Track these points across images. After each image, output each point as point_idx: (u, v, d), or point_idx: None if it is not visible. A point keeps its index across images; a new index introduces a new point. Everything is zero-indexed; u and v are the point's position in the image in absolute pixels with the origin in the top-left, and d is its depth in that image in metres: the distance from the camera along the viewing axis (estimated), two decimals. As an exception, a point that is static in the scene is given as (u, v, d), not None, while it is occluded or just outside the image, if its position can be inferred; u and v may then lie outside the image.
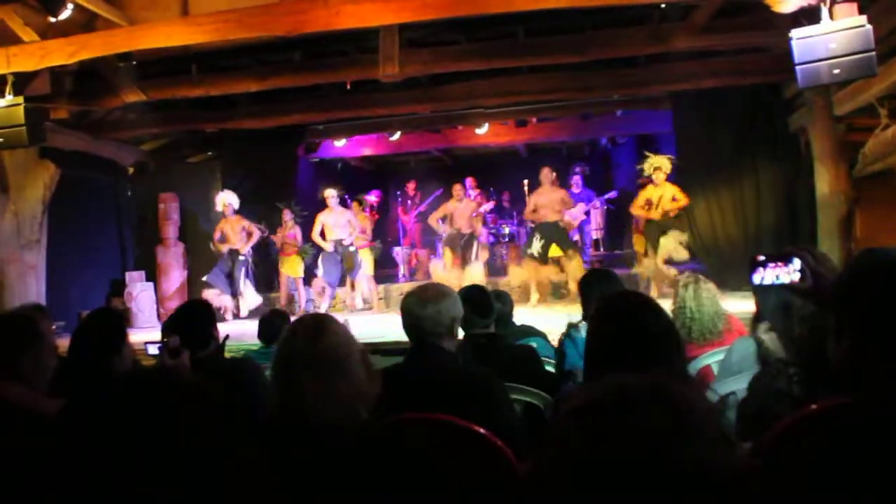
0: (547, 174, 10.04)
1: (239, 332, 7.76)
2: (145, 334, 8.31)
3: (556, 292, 10.12)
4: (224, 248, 10.28)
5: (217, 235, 10.41)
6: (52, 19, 6.60)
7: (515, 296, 8.12)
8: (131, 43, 6.94)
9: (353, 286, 10.65)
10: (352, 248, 10.24)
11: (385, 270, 12.84)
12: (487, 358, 3.16)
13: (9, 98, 7.04)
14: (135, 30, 7.07)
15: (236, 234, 10.29)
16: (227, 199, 10.35)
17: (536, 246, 9.58)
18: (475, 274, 9.82)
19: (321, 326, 1.85)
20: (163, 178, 11.67)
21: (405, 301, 2.68)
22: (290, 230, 10.68)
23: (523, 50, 8.42)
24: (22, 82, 7.28)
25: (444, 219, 10.74)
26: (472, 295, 3.48)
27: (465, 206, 10.61)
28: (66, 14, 6.60)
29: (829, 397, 1.66)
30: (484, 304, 3.49)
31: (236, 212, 10.40)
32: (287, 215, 10.74)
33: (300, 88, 9.68)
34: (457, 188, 10.82)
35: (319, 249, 10.36)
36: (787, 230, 9.40)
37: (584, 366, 2.08)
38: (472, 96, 9.84)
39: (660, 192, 9.38)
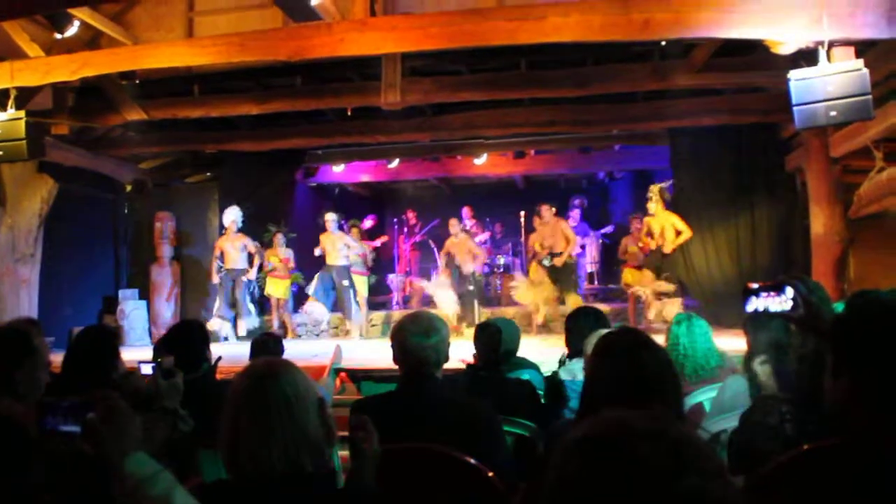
0: (546, 211, 9.99)
1: (234, 354, 7.71)
2: (137, 352, 8.26)
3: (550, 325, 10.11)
4: (216, 276, 10.27)
5: (217, 253, 10.39)
6: (59, 36, 6.66)
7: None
8: (135, 62, 6.98)
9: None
10: (345, 283, 10.23)
11: (378, 297, 12.83)
12: (487, 390, 3.16)
13: (11, 112, 7.06)
14: (139, 49, 7.13)
15: (237, 252, 10.26)
16: (234, 216, 10.31)
17: (547, 260, 9.60)
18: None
19: (273, 370, 1.77)
20: (160, 197, 11.67)
21: (402, 331, 2.65)
22: (282, 254, 10.69)
23: (525, 82, 8.48)
24: (24, 97, 7.31)
25: (448, 255, 10.57)
26: (488, 330, 3.53)
27: (461, 241, 10.47)
28: (72, 31, 6.67)
29: (822, 436, 1.66)
30: (496, 340, 3.53)
31: (239, 230, 10.39)
32: (279, 238, 10.76)
33: (300, 113, 9.72)
34: (452, 223, 10.70)
35: (318, 271, 10.36)
36: (782, 269, 9.41)
37: (581, 400, 2.09)
38: (472, 126, 9.90)
39: (660, 222, 9.34)
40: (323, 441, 1.74)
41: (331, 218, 10.39)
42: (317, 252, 10.42)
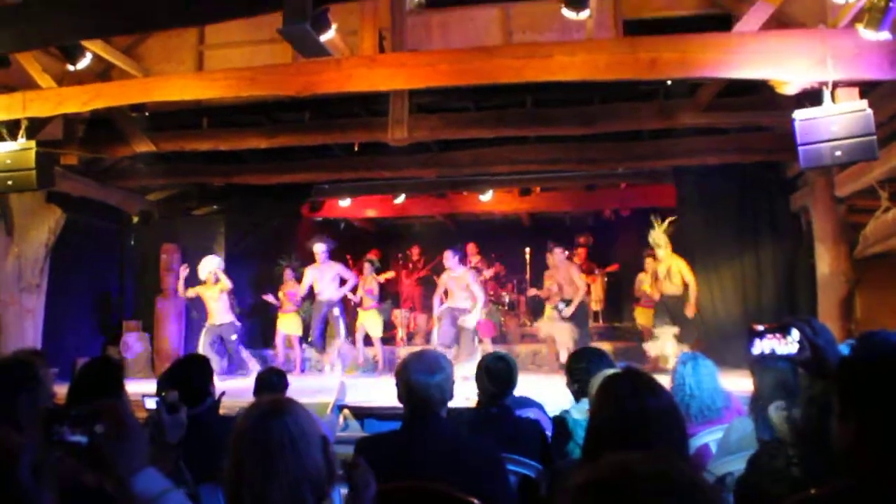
0: (560, 255, 9.91)
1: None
2: (140, 385, 8.24)
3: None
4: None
5: (306, 286, 10.20)
6: (71, 67, 6.72)
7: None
8: (146, 94, 7.05)
9: (354, 343, 10.58)
10: (336, 312, 10.16)
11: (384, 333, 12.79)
12: (494, 429, 3.13)
13: (21, 142, 7.12)
14: (149, 81, 7.20)
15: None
16: (212, 266, 9.89)
17: (564, 307, 9.53)
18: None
19: (279, 408, 1.79)
20: (166, 229, 11.70)
21: (407, 369, 2.64)
22: (290, 288, 10.65)
23: (531, 120, 8.54)
24: (35, 127, 7.37)
25: (445, 292, 9.82)
26: (498, 367, 3.49)
27: (460, 276, 9.45)
28: (84, 63, 6.73)
29: (830, 480, 1.64)
30: (506, 377, 3.49)
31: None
32: (288, 273, 10.73)
33: (308, 147, 9.78)
34: (446, 256, 9.54)
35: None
36: (787, 309, 9.37)
37: (585, 442, 2.07)
38: (478, 163, 9.95)
39: (666, 265, 9.29)
40: (325, 479, 1.74)
41: (320, 249, 10.20)
42: (303, 289, 10.24)
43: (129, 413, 1.65)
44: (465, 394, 3.81)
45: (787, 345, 2.01)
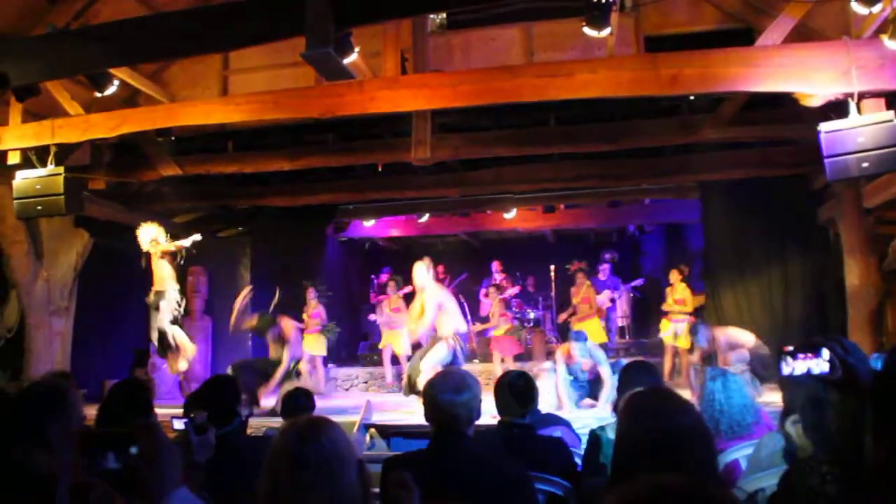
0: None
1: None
2: (167, 407, 8.28)
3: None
4: None
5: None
6: (98, 94, 6.83)
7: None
8: (171, 119, 7.14)
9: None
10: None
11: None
12: (519, 448, 3.12)
13: (50, 167, 7.23)
14: (175, 107, 7.31)
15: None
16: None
17: None
18: None
19: (316, 428, 1.77)
20: (192, 252, 11.81)
21: (433, 388, 2.64)
22: (314, 309, 10.67)
23: (554, 137, 8.54)
24: (64, 153, 7.48)
25: None
26: (518, 383, 3.46)
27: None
28: (111, 90, 6.84)
29: (866, 498, 1.61)
30: (527, 394, 3.46)
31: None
32: (311, 294, 10.75)
33: (332, 169, 9.84)
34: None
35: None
36: (816, 322, 9.27)
37: (613, 462, 2.04)
38: (501, 181, 9.96)
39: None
40: (359, 500, 1.73)
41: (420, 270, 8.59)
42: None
43: (162, 433, 1.66)
44: (492, 412, 3.79)
45: (819, 365, 1.98)
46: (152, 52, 6.24)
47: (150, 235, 9.13)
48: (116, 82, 6.88)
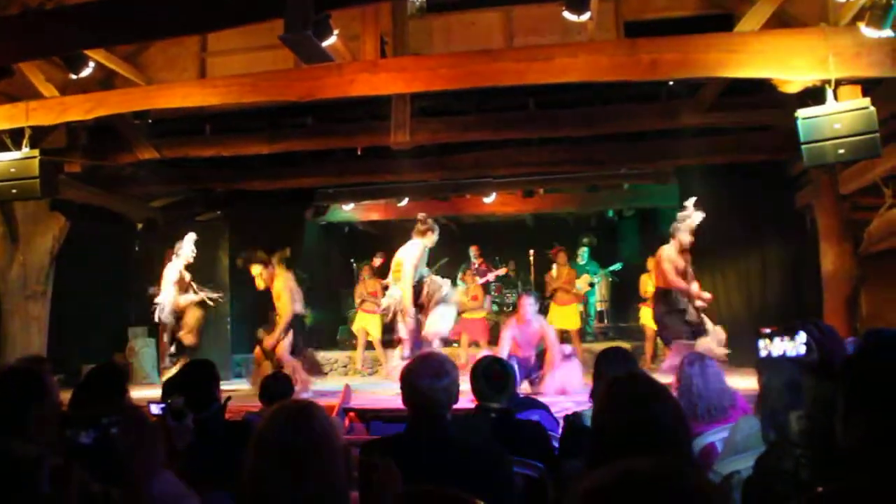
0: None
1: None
2: (145, 391, 8.25)
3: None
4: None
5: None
6: (74, 76, 6.74)
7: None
8: (148, 102, 7.07)
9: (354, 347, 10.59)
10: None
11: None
12: (498, 432, 3.13)
13: (25, 150, 7.14)
14: (152, 89, 7.23)
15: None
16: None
17: None
18: None
19: (303, 414, 1.75)
20: (171, 235, 11.71)
21: (412, 373, 2.64)
22: (371, 288, 10.75)
23: (533, 122, 8.53)
24: (39, 136, 7.40)
25: None
26: (493, 369, 3.46)
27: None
28: (87, 71, 6.76)
29: (838, 479, 1.64)
30: (504, 378, 3.45)
31: None
32: (367, 272, 11.09)
33: (311, 152, 9.80)
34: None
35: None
36: (793, 307, 9.35)
37: (590, 448, 2.05)
38: (481, 166, 9.94)
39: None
40: (345, 486, 1.72)
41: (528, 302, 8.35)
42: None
43: (146, 416, 1.64)
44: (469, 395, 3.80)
45: (795, 347, 2.00)
46: (129, 34, 6.16)
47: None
48: (92, 64, 6.79)
